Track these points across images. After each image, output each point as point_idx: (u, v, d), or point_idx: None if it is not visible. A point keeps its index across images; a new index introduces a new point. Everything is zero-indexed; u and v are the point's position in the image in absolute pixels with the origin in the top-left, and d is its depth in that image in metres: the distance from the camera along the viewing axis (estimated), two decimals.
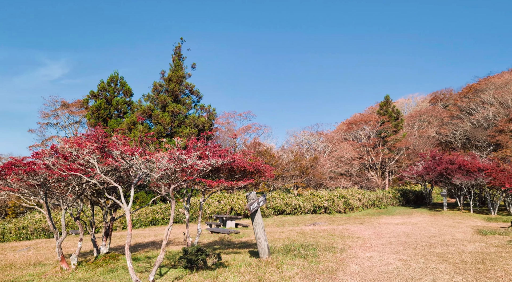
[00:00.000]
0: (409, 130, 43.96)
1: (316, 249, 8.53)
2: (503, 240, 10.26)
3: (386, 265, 6.98)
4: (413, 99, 55.85)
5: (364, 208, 25.27)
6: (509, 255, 7.93)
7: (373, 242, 9.99)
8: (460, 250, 8.52)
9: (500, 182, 19.62)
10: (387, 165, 39.07)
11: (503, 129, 31.31)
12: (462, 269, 6.56)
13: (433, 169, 23.71)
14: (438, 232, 12.25)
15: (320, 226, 15.75)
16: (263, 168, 7.83)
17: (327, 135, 39.35)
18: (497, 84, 38.15)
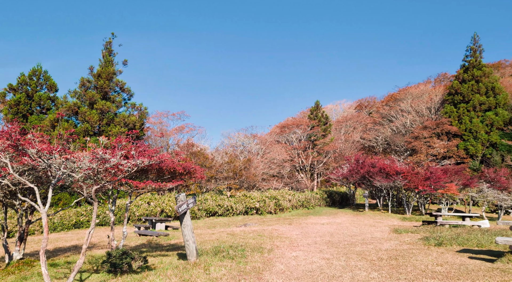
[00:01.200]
0: (336, 134, 46.31)
1: (245, 249, 8.64)
2: (414, 237, 11.22)
3: (310, 264, 7.29)
4: (341, 106, 58.99)
5: (293, 208, 26.07)
6: (418, 251, 8.70)
7: (300, 242, 10.37)
8: (378, 248, 9.17)
9: (414, 184, 21.46)
10: (316, 167, 40.79)
11: (418, 136, 34.25)
12: (378, 266, 7.06)
13: (356, 171, 25.20)
14: (359, 231, 13.05)
15: (250, 227, 15.96)
16: (194, 169, 7.77)
17: (261, 137, 40.08)
18: (414, 94, 41.75)
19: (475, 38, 36.60)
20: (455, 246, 9.81)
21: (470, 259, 8.05)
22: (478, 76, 35.06)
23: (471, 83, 35.11)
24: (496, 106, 34.28)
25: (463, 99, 35.39)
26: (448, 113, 35.66)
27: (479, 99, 34.31)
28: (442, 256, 8.28)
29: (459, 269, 6.76)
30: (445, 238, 10.57)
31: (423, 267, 6.93)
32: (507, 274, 6.27)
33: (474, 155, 33.23)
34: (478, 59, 35.88)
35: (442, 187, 21.23)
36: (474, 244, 10.08)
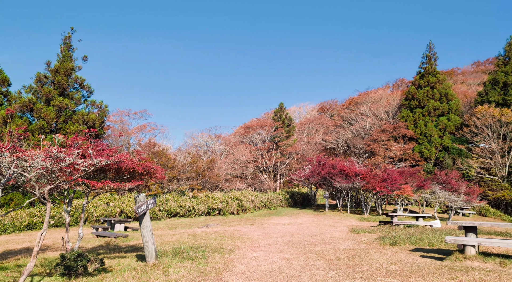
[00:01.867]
0: (299, 136, 47.03)
1: (206, 250, 8.60)
2: (371, 237, 11.61)
3: (271, 264, 7.37)
4: (304, 108, 60.00)
5: (256, 209, 26.19)
6: (374, 250, 9.01)
7: (261, 242, 10.44)
8: (336, 248, 9.41)
9: (372, 185, 22.20)
10: (279, 168, 41.22)
11: (376, 139, 35.45)
12: (335, 265, 7.26)
13: (318, 172, 25.72)
14: (319, 231, 13.34)
15: (212, 227, 15.88)
16: (154, 169, 7.63)
17: (225, 138, 39.97)
18: (373, 99, 43.24)
19: (430, 46, 38.43)
20: (408, 245, 10.25)
21: (421, 257, 8.44)
22: (433, 82, 36.84)
23: (427, 89, 36.82)
24: (448, 112, 36.15)
25: (419, 104, 37.05)
26: (404, 117, 37.20)
27: (434, 104, 36.05)
28: (396, 255, 8.63)
29: (411, 268, 7.07)
30: (400, 238, 11.01)
31: (378, 266, 7.19)
32: (454, 272, 6.62)
33: (428, 158, 34.85)
34: (433, 66, 37.70)
35: (398, 188, 22.09)
36: (426, 243, 10.57)
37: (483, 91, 35.38)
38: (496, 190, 29.16)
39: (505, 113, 30.22)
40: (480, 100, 34.93)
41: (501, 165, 30.65)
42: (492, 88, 34.42)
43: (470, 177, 31.06)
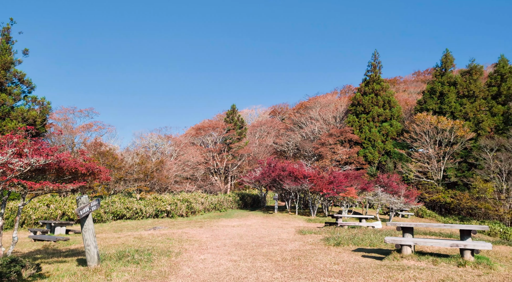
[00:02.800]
0: (251, 138, 47.38)
1: (152, 253, 8.42)
2: (317, 238, 11.97)
3: (218, 266, 7.37)
4: (256, 111, 60.64)
5: (206, 211, 25.99)
6: (319, 251, 9.31)
7: (209, 244, 10.40)
8: (283, 249, 9.60)
9: (319, 187, 22.87)
10: (230, 170, 41.23)
11: (324, 143, 36.61)
12: (281, 266, 7.41)
13: (268, 174, 26.05)
14: (267, 233, 13.52)
15: (160, 230, 15.56)
16: (98, 169, 7.35)
17: (176, 139, 39.29)
18: (322, 103, 44.67)
19: (375, 55, 40.41)
20: (351, 246, 10.68)
21: (363, 257, 8.83)
22: (377, 90, 38.73)
23: (371, 96, 38.64)
24: (391, 118, 38.17)
25: (364, 110, 38.78)
26: (351, 122, 38.76)
27: (378, 111, 37.90)
28: (340, 255, 8.97)
29: (353, 267, 7.38)
30: (343, 239, 11.45)
31: (322, 266, 7.44)
32: (391, 270, 7.00)
33: (371, 162, 36.55)
34: (378, 75, 39.64)
35: (343, 190, 22.94)
36: (367, 244, 11.08)
37: (422, 100, 37.77)
38: (432, 192, 31.20)
39: (441, 121, 32.47)
40: (419, 108, 37.24)
41: (437, 169, 32.85)
42: (430, 97, 36.85)
43: (409, 180, 32.99)
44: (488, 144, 30.41)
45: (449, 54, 37.22)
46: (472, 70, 35.89)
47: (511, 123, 32.17)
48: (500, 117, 33.36)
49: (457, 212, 30.96)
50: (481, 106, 34.37)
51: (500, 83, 34.46)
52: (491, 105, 34.09)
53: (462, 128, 32.10)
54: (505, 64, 34.91)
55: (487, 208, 27.72)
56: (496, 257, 9.88)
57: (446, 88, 35.89)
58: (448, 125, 32.14)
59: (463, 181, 31.53)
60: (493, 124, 33.30)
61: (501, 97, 34.07)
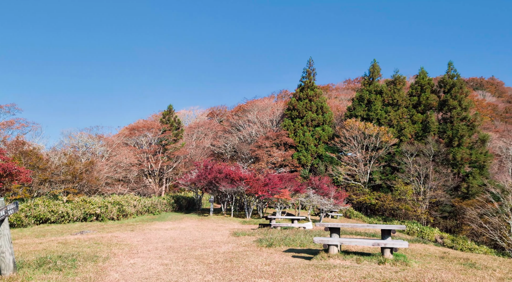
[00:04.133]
0: (188, 140, 46.76)
1: (77, 259, 8.01)
2: (250, 240, 12.18)
3: (148, 270, 7.22)
4: (194, 112, 59.97)
5: (139, 214, 25.16)
6: (251, 253, 9.49)
7: (140, 248, 10.13)
8: (216, 251, 9.65)
9: (255, 189, 23.25)
10: (165, 172, 40.31)
11: (261, 145, 37.29)
12: (213, 269, 7.46)
13: (204, 177, 25.91)
14: (201, 236, 13.47)
15: (88, 234, 14.79)
16: (17, 170, 6.84)
17: (108, 139, 37.54)
18: (260, 107, 45.49)
19: (310, 62, 42.06)
20: (283, 246, 11.03)
21: (293, 258, 9.17)
22: (311, 96, 40.33)
23: (306, 101, 40.14)
24: (323, 123, 39.94)
25: (299, 115, 40.16)
26: (286, 126, 39.92)
27: (311, 116, 39.46)
28: (271, 256, 9.22)
29: (283, 268, 7.64)
30: (276, 240, 11.77)
31: (253, 268, 7.61)
32: (318, 270, 7.36)
33: (305, 164, 37.92)
34: (312, 81, 41.29)
35: (278, 192, 23.54)
36: (298, 244, 11.51)
37: (352, 107, 40.03)
38: (359, 194, 33.16)
39: (368, 127, 34.67)
40: (349, 114, 39.41)
41: (363, 172, 34.98)
42: (359, 104, 39.17)
43: (339, 183, 34.73)
44: (409, 149, 33.04)
45: (376, 65, 39.89)
46: (396, 80, 38.79)
47: (428, 131, 35.25)
48: (419, 125, 36.40)
49: (381, 213, 33.20)
50: (403, 114, 37.24)
51: (420, 94, 37.62)
52: (412, 114, 37.09)
53: (387, 134, 34.52)
54: (425, 76, 38.22)
55: (407, 209, 30.09)
56: (412, 254, 10.81)
57: (373, 96, 38.39)
58: (375, 131, 34.39)
59: (386, 184, 33.89)
60: (413, 131, 36.24)
61: (421, 107, 37.22)
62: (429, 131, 35.14)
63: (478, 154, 32.59)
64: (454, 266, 8.88)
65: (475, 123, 34.55)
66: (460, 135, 33.37)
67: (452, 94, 35.63)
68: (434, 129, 35.28)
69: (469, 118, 34.63)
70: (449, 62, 37.21)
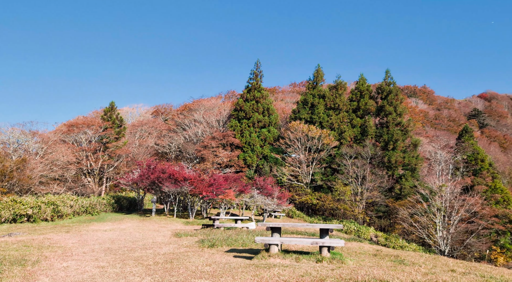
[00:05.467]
0: (131, 138, 45.24)
1: (2, 263, 7.50)
2: (192, 240, 12.12)
3: (82, 273, 6.96)
4: (138, 110, 58.19)
5: (75, 215, 23.97)
6: (193, 253, 9.47)
7: (75, 251, 9.70)
8: (156, 252, 9.50)
9: (199, 190, 23.10)
10: (106, 171, 38.69)
11: (207, 145, 37.10)
12: (153, 270, 7.35)
13: (147, 177, 25.27)
14: (142, 237, 13.16)
15: (17, 236, 13.85)
16: None
17: (43, 135, 35.26)
18: (207, 106, 45.22)
19: (257, 64, 42.60)
20: (225, 247, 11.11)
21: (234, 257, 9.28)
22: (258, 97, 40.85)
23: (252, 102, 40.57)
24: (269, 125, 40.61)
25: (246, 116, 40.49)
26: (233, 127, 40.06)
27: (258, 117, 39.96)
28: (213, 256, 9.27)
29: (223, 268, 7.72)
30: (218, 240, 11.83)
31: (194, 268, 7.61)
32: (259, 269, 7.53)
33: (250, 165, 38.30)
34: (259, 83, 41.83)
35: (222, 192, 23.57)
36: (240, 244, 11.66)
37: (297, 109, 41.12)
38: (302, 194, 34.15)
39: (311, 129, 35.83)
40: (294, 117, 40.44)
41: (306, 173, 36.08)
42: (303, 107, 40.34)
43: (282, 183, 35.51)
44: (348, 152, 34.60)
45: (320, 70, 41.35)
46: (338, 85, 40.47)
47: (366, 135, 37.17)
48: (358, 128, 38.26)
49: (321, 213, 34.44)
50: (344, 118, 38.94)
51: (359, 99, 39.56)
52: (352, 118, 38.89)
53: (328, 137, 35.89)
54: (364, 82, 40.26)
55: (345, 209, 31.49)
56: (348, 252, 11.38)
57: (317, 100, 39.74)
58: (317, 134, 35.61)
59: (327, 184, 35.22)
60: (353, 134, 38.01)
61: (360, 111, 39.15)
62: (367, 135, 37.05)
63: (410, 157, 34.94)
64: (385, 263, 9.50)
65: (408, 129, 37.03)
66: (395, 140, 35.57)
67: (388, 100, 37.89)
68: (371, 134, 37.25)
69: (403, 123, 37.04)
70: (386, 70, 39.60)
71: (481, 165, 33.07)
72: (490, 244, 26.76)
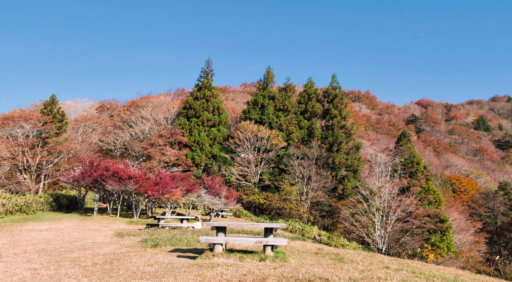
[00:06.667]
0: (73, 134, 43.06)
1: None
2: (135, 240, 11.86)
3: (11, 276, 6.58)
4: (81, 104, 55.55)
5: (8, 214, 22.42)
6: (135, 254, 9.28)
7: (5, 252, 9.12)
8: (96, 253, 9.20)
9: (144, 189, 22.57)
10: (44, 168, 36.50)
11: (154, 143, 36.28)
12: (90, 271, 7.13)
13: (89, 174, 24.24)
14: (81, 237, 12.65)
15: None
16: None
17: None
18: (155, 103, 44.16)
19: (208, 62, 42.33)
20: (168, 247, 10.99)
21: (178, 257, 9.23)
22: (208, 96, 40.62)
23: (202, 101, 40.27)
24: (219, 124, 40.53)
25: (195, 114, 40.09)
26: (181, 125, 39.48)
27: (207, 116, 39.73)
28: (155, 256, 9.15)
29: (166, 268, 7.66)
30: (162, 240, 11.68)
31: (135, 269, 7.48)
32: (202, 269, 7.55)
33: (199, 164, 38.00)
34: (209, 82, 41.59)
35: (169, 192, 23.20)
36: (184, 244, 11.59)
37: (247, 110, 41.43)
38: (249, 194, 34.48)
39: (261, 129, 36.29)
40: (244, 117, 40.71)
41: (254, 173, 36.48)
42: (253, 108, 40.74)
43: (231, 183, 35.62)
44: (295, 153, 35.47)
45: (271, 72, 42.00)
46: (287, 88, 41.35)
47: (313, 136, 38.34)
48: (306, 130, 39.35)
49: (268, 212, 35.01)
50: (292, 120, 39.85)
51: (307, 102, 40.69)
52: (300, 120, 39.92)
53: (277, 138, 36.57)
54: (312, 86, 41.47)
55: (291, 208, 32.27)
56: (291, 251, 11.72)
57: (267, 101, 40.33)
58: (266, 134, 36.14)
59: (275, 184, 35.86)
60: (300, 136, 39.02)
61: (307, 114, 40.29)
62: (314, 137, 38.22)
63: (353, 159, 36.54)
64: (326, 261, 9.91)
65: (352, 132, 38.71)
66: (339, 142, 37.02)
67: (334, 104, 39.36)
68: (318, 135, 38.48)
69: (347, 127, 38.65)
70: (333, 75, 41.09)
71: (417, 167, 35.31)
72: (423, 242, 28.69)
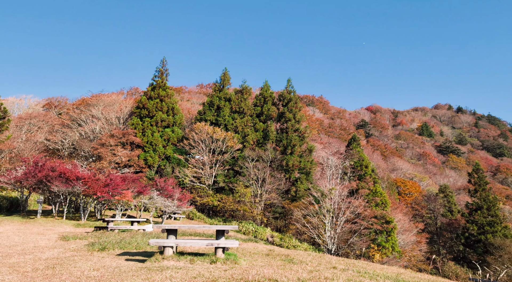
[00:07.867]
0: (16, 132, 40.57)
1: None
2: (81, 244, 11.46)
3: None
4: (26, 101, 52.44)
5: None
6: (80, 258, 8.99)
7: None
8: (37, 258, 8.80)
9: (93, 190, 21.78)
10: None
11: (105, 143, 35.06)
12: (30, 277, 6.84)
13: (34, 175, 23.01)
14: (22, 241, 12.02)
15: None
16: None
17: None
18: (106, 102, 42.67)
19: (163, 62, 41.60)
20: (117, 250, 10.74)
21: (126, 261, 9.06)
22: (163, 96, 39.90)
23: (157, 101, 39.49)
24: (173, 125, 39.91)
25: (149, 114, 39.22)
26: (134, 125, 38.45)
27: (161, 116, 39.00)
28: (102, 260, 8.92)
29: (113, 272, 7.51)
30: (110, 243, 11.38)
31: (79, 274, 7.27)
32: (151, 272, 7.48)
33: (151, 165, 37.19)
34: (164, 81, 40.86)
35: (119, 193, 22.55)
36: (134, 247, 11.38)
37: (202, 111, 41.17)
38: (203, 196, 34.26)
39: (216, 131, 36.21)
40: (199, 118, 40.41)
41: (209, 175, 36.30)
42: (209, 109, 40.57)
43: (185, 185, 35.19)
44: (250, 155, 35.75)
45: (227, 73, 42.06)
46: (243, 90, 41.60)
47: (268, 139, 38.84)
48: (261, 133, 39.78)
49: (222, 214, 34.98)
50: (248, 122, 40.13)
51: (263, 104, 41.18)
52: (255, 122, 40.30)
53: (232, 140, 36.65)
54: (268, 89, 42.03)
55: (245, 210, 32.47)
56: (242, 253, 11.85)
57: (223, 103, 40.32)
58: (222, 136, 36.11)
59: (229, 186, 35.90)
60: (255, 138, 39.38)
61: (263, 116, 40.76)
62: (269, 140, 38.74)
63: (306, 162, 37.44)
64: (276, 262, 10.15)
65: (305, 135, 39.67)
66: (293, 145, 37.80)
67: (288, 107, 40.15)
68: (272, 138, 39.04)
69: (301, 130, 39.56)
70: (288, 79, 41.91)
71: (365, 170, 36.75)
72: (370, 242, 29.94)
